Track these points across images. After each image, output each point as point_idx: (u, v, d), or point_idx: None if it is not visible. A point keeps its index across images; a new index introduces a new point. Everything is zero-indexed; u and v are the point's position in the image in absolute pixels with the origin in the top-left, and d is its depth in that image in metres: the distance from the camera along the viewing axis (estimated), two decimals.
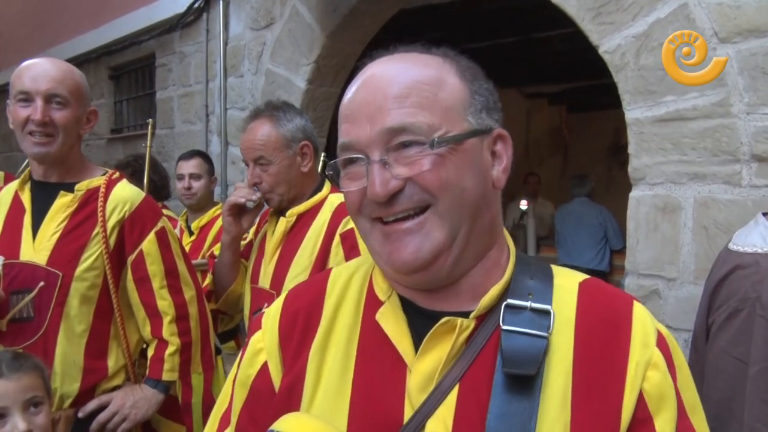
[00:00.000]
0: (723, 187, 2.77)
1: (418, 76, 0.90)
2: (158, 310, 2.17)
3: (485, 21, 6.36)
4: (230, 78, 5.69)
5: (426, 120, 0.87)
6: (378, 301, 0.98)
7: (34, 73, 2.04)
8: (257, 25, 5.38)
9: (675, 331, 2.93)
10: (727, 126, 2.74)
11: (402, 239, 0.89)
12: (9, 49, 9.73)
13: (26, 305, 2.02)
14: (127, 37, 6.97)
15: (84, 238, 2.08)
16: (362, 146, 0.89)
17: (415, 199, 0.88)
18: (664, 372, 0.87)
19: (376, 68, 0.94)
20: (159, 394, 2.16)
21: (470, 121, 0.91)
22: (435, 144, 0.86)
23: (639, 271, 3.07)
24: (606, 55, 3.15)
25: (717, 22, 2.74)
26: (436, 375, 0.88)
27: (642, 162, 3.04)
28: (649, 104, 2.99)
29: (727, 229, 2.75)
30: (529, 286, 0.94)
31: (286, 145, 2.27)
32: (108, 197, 2.13)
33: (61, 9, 8.41)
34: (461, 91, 0.92)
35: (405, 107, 0.88)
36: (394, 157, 0.88)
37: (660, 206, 2.98)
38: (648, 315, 0.93)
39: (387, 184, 0.87)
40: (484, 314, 0.92)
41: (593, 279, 0.99)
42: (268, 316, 1.05)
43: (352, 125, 0.91)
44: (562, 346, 0.88)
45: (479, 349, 0.89)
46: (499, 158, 0.96)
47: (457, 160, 0.88)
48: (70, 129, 2.07)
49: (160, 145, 6.58)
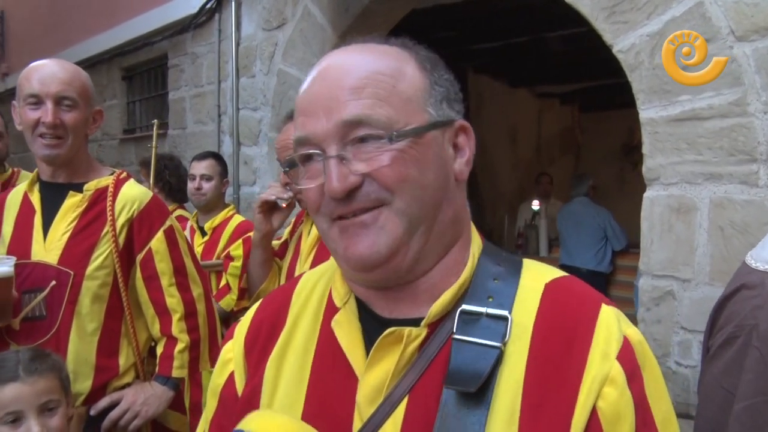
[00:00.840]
0: (739, 187, 2.74)
1: (375, 67, 0.86)
2: (167, 308, 2.19)
3: (497, 20, 6.34)
4: (242, 78, 5.71)
5: (384, 112, 0.83)
6: (335, 307, 0.94)
7: (42, 76, 2.05)
8: (269, 25, 5.39)
9: (689, 332, 2.90)
10: (744, 125, 2.71)
11: (358, 233, 0.84)
12: (22, 50, 9.80)
13: (38, 304, 2.04)
14: (139, 38, 7.01)
15: (94, 237, 2.10)
16: (318, 140, 0.85)
17: (373, 197, 0.83)
18: (622, 388, 0.79)
19: (331, 59, 0.90)
20: (169, 391, 2.18)
21: (431, 113, 0.87)
22: (394, 138, 0.82)
23: (653, 272, 3.04)
24: (620, 55, 3.12)
25: (734, 20, 2.71)
26: (384, 387, 0.84)
27: (656, 162, 3.01)
28: (663, 104, 2.96)
29: (744, 229, 2.72)
30: (490, 288, 0.88)
31: None
32: (116, 196, 2.15)
33: (74, 10, 8.46)
34: (421, 81, 0.88)
35: (362, 99, 0.83)
36: (352, 152, 0.84)
37: (675, 207, 2.95)
38: (615, 320, 0.84)
39: (345, 180, 0.83)
40: (438, 320, 0.86)
41: (565, 278, 0.92)
42: (240, 325, 1.03)
43: (308, 118, 0.86)
44: (515, 356, 0.82)
45: (431, 359, 0.84)
46: (462, 150, 0.92)
47: (417, 155, 0.84)
48: (79, 130, 2.10)
49: (172, 146, 6.60)
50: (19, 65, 9.89)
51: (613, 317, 0.85)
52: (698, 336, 2.86)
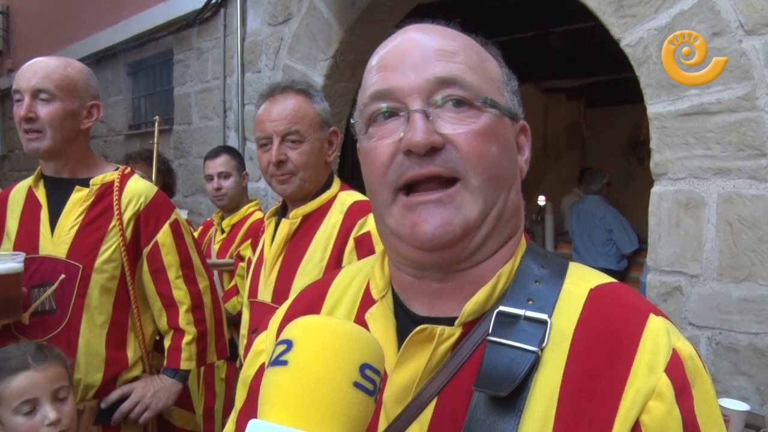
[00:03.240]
0: (748, 182, 2.72)
1: (463, 42, 0.85)
2: (174, 300, 2.21)
3: (503, 15, 6.31)
4: (248, 73, 5.70)
5: (476, 78, 0.81)
6: (372, 300, 0.92)
7: (25, 71, 2.08)
8: (275, 20, 5.37)
9: (698, 328, 2.89)
10: (753, 120, 2.69)
11: (430, 210, 0.79)
12: (28, 46, 9.82)
13: (48, 298, 2.05)
14: (144, 34, 7.00)
15: (101, 231, 2.12)
16: (403, 94, 0.80)
17: (450, 166, 0.79)
18: (670, 404, 0.72)
19: (415, 28, 0.86)
20: (178, 383, 2.21)
21: (507, 99, 0.87)
22: (487, 103, 0.81)
23: (661, 267, 3.03)
24: (628, 49, 3.10)
25: (743, 14, 2.69)
26: (413, 387, 0.81)
27: (664, 157, 2.99)
28: (672, 98, 2.94)
29: (752, 224, 2.70)
30: (531, 290, 0.83)
31: (320, 125, 2.01)
32: (123, 191, 2.17)
33: (79, 6, 8.47)
34: (499, 69, 0.89)
35: (455, 62, 0.81)
36: (438, 113, 0.80)
37: (683, 202, 2.93)
38: (664, 331, 0.78)
39: (430, 134, 0.78)
40: (474, 321, 0.82)
41: (612, 285, 0.86)
42: (274, 318, 1.03)
43: (392, 73, 0.82)
44: (552, 363, 0.77)
45: (463, 361, 0.80)
46: (522, 150, 0.92)
47: (499, 132, 0.83)
48: (59, 124, 2.07)
49: (177, 141, 6.61)
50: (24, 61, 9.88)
51: (662, 328, 0.78)
52: (706, 332, 2.85)
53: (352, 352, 0.67)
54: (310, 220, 2.02)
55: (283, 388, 0.65)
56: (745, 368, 2.75)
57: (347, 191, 2.09)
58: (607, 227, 6.03)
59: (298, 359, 0.66)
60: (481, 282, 0.84)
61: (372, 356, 0.68)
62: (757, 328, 2.71)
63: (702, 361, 0.79)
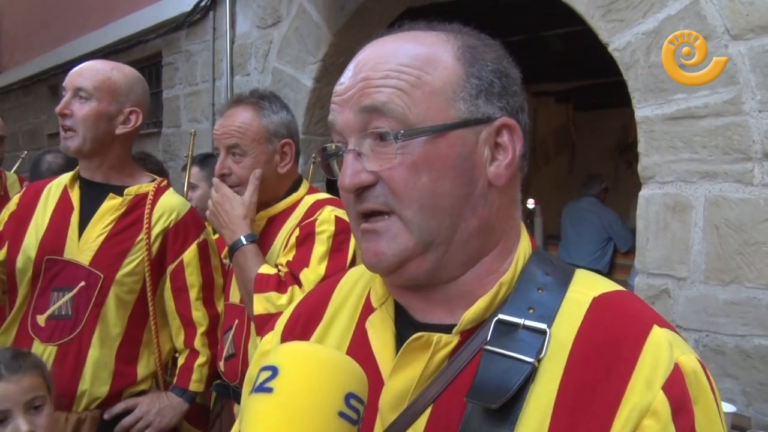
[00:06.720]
0: (735, 185, 2.75)
1: (404, 57, 0.82)
2: (193, 321, 2.17)
3: (492, 19, 6.33)
4: (237, 76, 5.69)
5: (401, 103, 0.79)
6: (372, 308, 0.92)
7: (74, 70, 2.10)
8: (264, 23, 5.37)
9: (685, 331, 2.90)
10: (739, 124, 2.71)
11: (372, 239, 0.82)
12: (15, 48, 9.75)
13: (65, 303, 2.03)
14: (133, 36, 6.97)
15: (128, 243, 2.09)
16: (343, 131, 0.83)
17: (381, 201, 0.80)
18: (665, 423, 0.70)
19: (366, 50, 0.87)
20: (184, 403, 2.16)
21: (459, 109, 0.81)
22: (399, 137, 0.78)
23: (649, 270, 3.04)
24: (616, 53, 3.12)
25: (729, 19, 2.71)
26: (408, 394, 0.80)
27: (652, 160, 3.01)
28: (659, 102, 2.96)
29: (739, 228, 2.72)
30: (532, 298, 0.81)
31: (266, 138, 2.03)
32: (155, 205, 2.14)
33: (67, 8, 8.42)
34: (453, 73, 0.82)
35: (386, 87, 0.80)
36: (370, 148, 0.81)
37: (670, 205, 2.95)
38: (666, 344, 0.75)
39: (356, 176, 0.81)
40: (472, 329, 0.81)
41: (617, 293, 0.83)
42: (281, 318, 1.03)
43: (338, 105, 0.85)
44: (549, 375, 0.75)
45: (460, 369, 0.79)
46: (504, 151, 0.84)
47: (432, 158, 0.79)
48: (91, 123, 2.05)
49: (166, 144, 6.58)
50: (12, 63, 9.84)
51: (664, 341, 0.75)
52: (693, 334, 2.86)
53: (337, 381, 0.67)
54: (274, 222, 2.08)
55: (268, 416, 0.65)
56: (732, 370, 2.77)
57: (314, 194, 2.13)
58: (605, 226, 6.09)
59: (283, 387, 0.66)
60: (468, 295, 0.83)
61: (356, 385, 0.68)
62: (743, 331, 2.73)
63: (708, 377, 0.76)
